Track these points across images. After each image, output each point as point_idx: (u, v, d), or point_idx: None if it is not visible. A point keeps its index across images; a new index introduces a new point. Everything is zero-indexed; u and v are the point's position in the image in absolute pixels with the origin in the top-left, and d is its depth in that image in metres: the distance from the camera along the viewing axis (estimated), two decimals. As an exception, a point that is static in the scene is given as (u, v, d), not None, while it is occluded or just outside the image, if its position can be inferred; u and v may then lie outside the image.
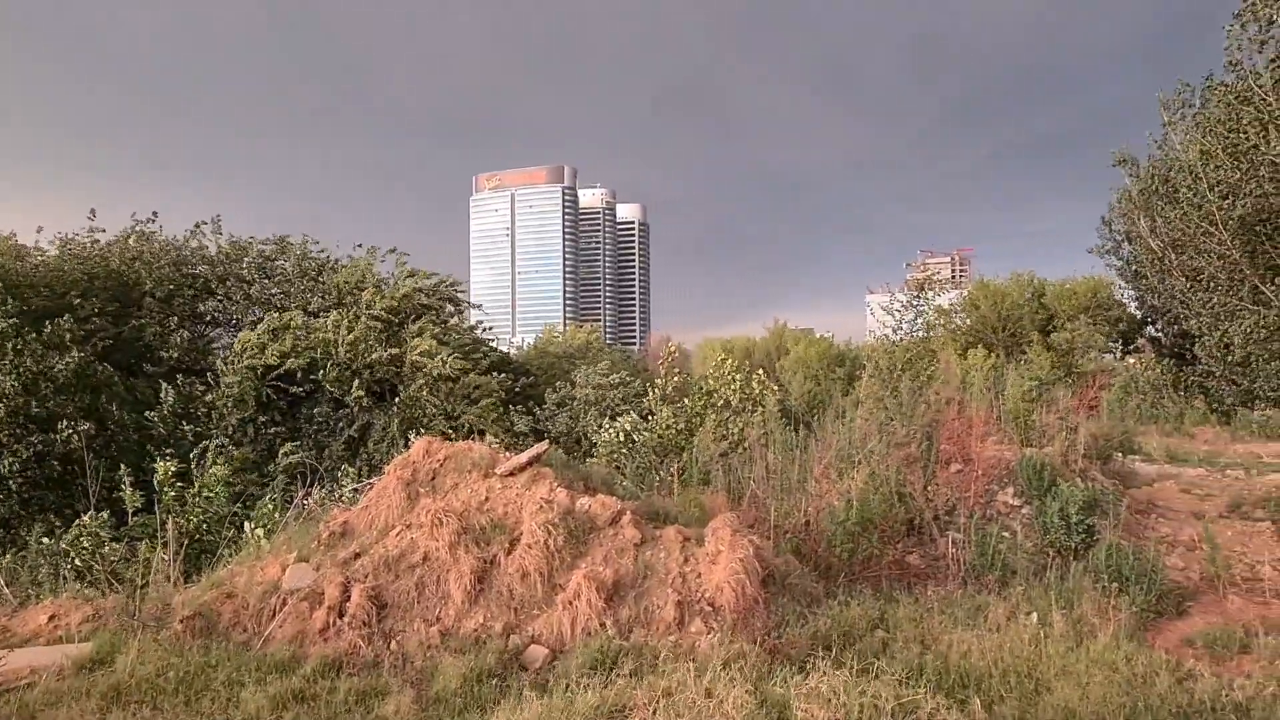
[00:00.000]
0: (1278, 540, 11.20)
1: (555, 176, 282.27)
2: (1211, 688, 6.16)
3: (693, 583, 7.78)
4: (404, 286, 20.76)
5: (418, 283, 21.23)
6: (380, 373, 17.55)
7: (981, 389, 14.68)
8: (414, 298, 20.40)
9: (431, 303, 20.96)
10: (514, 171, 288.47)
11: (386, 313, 19.19)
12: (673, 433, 14.20)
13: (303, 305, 21.06)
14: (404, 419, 16.60)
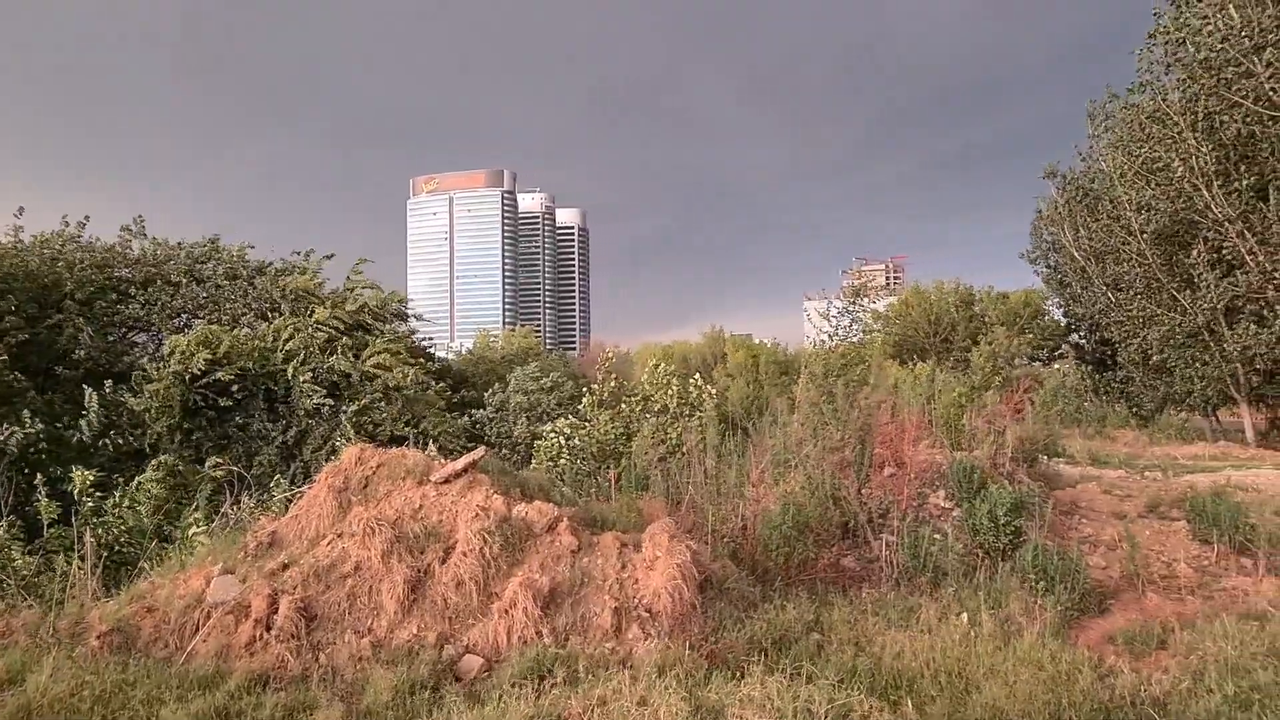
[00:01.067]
0: (1192, 539, 11.61)
1: (494, 180, 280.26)
2: (1131, 683, 6.36)
3: (630, 589, 7.75)
4: (359, 299, 20.36)
5: (372, 296, 20.89)
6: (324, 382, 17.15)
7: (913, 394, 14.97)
8: (363, 315, 20.03)
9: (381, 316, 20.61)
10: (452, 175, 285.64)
11: (339, 322, 18.79)
12: (611, 438, 14.19)
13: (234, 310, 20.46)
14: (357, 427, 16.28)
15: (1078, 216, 34.39)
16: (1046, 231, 39.51)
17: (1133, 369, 33.09)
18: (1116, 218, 29.95)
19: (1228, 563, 10.41)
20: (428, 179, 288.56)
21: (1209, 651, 6.83)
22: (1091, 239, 32.65)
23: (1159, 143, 26.35)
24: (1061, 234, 36.39)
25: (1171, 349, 29.43)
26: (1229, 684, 6.13)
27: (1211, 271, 26.39)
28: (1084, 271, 34.49)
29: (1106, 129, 32.09)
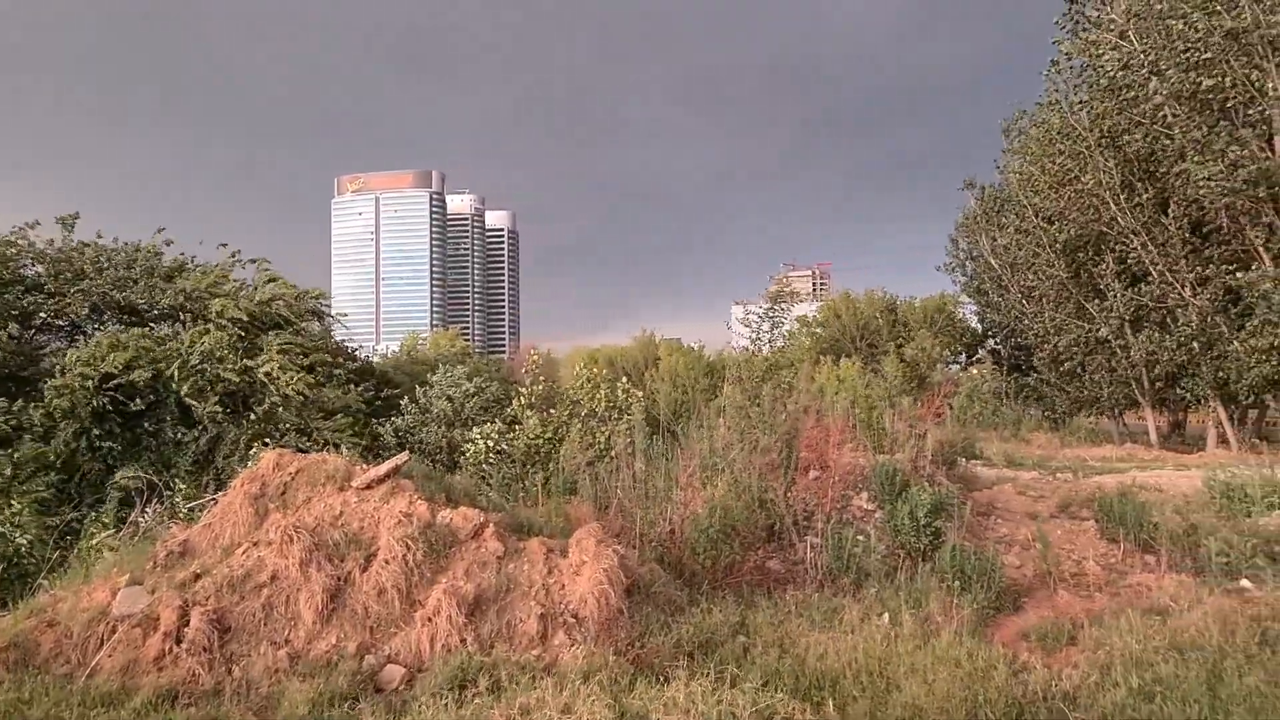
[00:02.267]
0: (1100, 538, 12.08)
1: (422, 181, 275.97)
2: (1043, 679, 6.57)
3: (556, 595, 7.68)
4: (263, 293, 19.56)
5: (278, 289, 20.00)
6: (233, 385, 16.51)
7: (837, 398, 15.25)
8: (273, 307, 19.22)
9: (291, 315, 19.83)
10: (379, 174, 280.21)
11: (245, 321, 18.07)
12: (540, 442, 14.07)
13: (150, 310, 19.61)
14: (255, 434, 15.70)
15: (994, 227, 35.71)
16: (964, 240, 40.92)
17: (1045, 374, 34.46)
18: (1029, 230, 31.17)
19: (1133, 560, 10.86)
20: (353, 178, 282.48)
21: (1115, 646, 7.09)
22: (1007, 249, 33.91)
23: (1068, 158, 27.50)
24: (979, 243, 37.74)
25: (1081, 355, 30.70)
26: (1133, 677, 6.38)
27: (1118, 281, 27.61)
28: (1000, 280, 35.80)
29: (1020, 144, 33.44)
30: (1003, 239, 34.11)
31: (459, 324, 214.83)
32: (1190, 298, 25.28)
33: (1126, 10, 24.66)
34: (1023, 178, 31.05)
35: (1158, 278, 26.10)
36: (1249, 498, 12.48)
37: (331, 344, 23.58)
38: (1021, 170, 31.31)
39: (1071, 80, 28.52)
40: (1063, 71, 28.44)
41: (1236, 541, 10.21)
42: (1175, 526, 11.24)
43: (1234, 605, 8.04)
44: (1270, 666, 6.63)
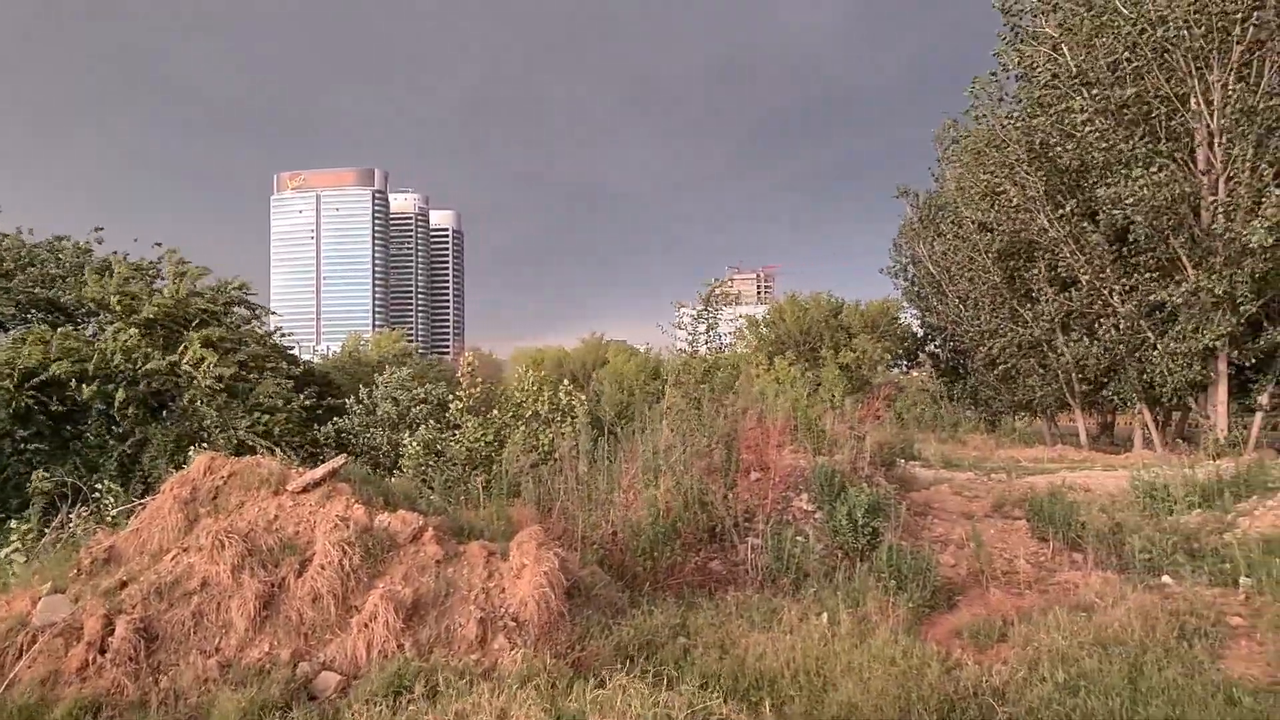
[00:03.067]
0: (1032, 536, 12.42)
1: (365, 179, 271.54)
2: (974, 675, 6.73)
3: (496, 598, 7.62)
4: (178, 288, 18.87)
5: (192, 282, 19.26)
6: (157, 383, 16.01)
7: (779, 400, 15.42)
8: (192, 301, 18.58)
9: (216, 307, 19.21)
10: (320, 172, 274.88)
11: (163, 316, 17.50)
12: (481, 444, 13.96)
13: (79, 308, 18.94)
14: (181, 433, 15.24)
15: (931, 234, 36.54)
16: (906, 247, 41.76)
17: (981, 377, 35.35)
18: (964, 236, 31.96)
19: (1062, 558, 11.18)
20: (293, 175, 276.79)
21: (1043, 642, 7.30)
22: (944, 255, 34.72)
23: (998, 167, 28.27)
24: (918, 249, 38.57)
25: (1014, 359, 31.56)
26: (1059, 672, 6.58)
27: (1049, 288, 28.44)
28: (938, 285, 36.62)
29: (954, 153, 34.30)
30: (939, 245, 34.90)
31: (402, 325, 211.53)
32: (1117, 304, 26.14)
33: (1060, 24, 25.42)
34: (956, 187, 31.86)
35: (1086, 285, 26.94)
36: (1171, 497, 12.95)
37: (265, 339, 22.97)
38: (955, 179, 32.11)
39: (997, 94, 29.36)
40: (988, 86, 29.27)
41: (1158, 539, 10.59)
42: (1102, 525, 11.61)
43: (1155, 601, 8.34)
44: (1187, 660, 6.89)
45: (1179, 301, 23.73)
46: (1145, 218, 23.62)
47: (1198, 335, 23.67)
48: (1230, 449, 22.48)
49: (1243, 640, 7.60)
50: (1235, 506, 11.96)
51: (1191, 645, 7.23)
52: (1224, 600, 8.63)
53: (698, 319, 13.68)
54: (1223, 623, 7.97)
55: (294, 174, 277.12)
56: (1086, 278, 26.74)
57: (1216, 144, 23.27)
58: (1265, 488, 12.38)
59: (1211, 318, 23.35)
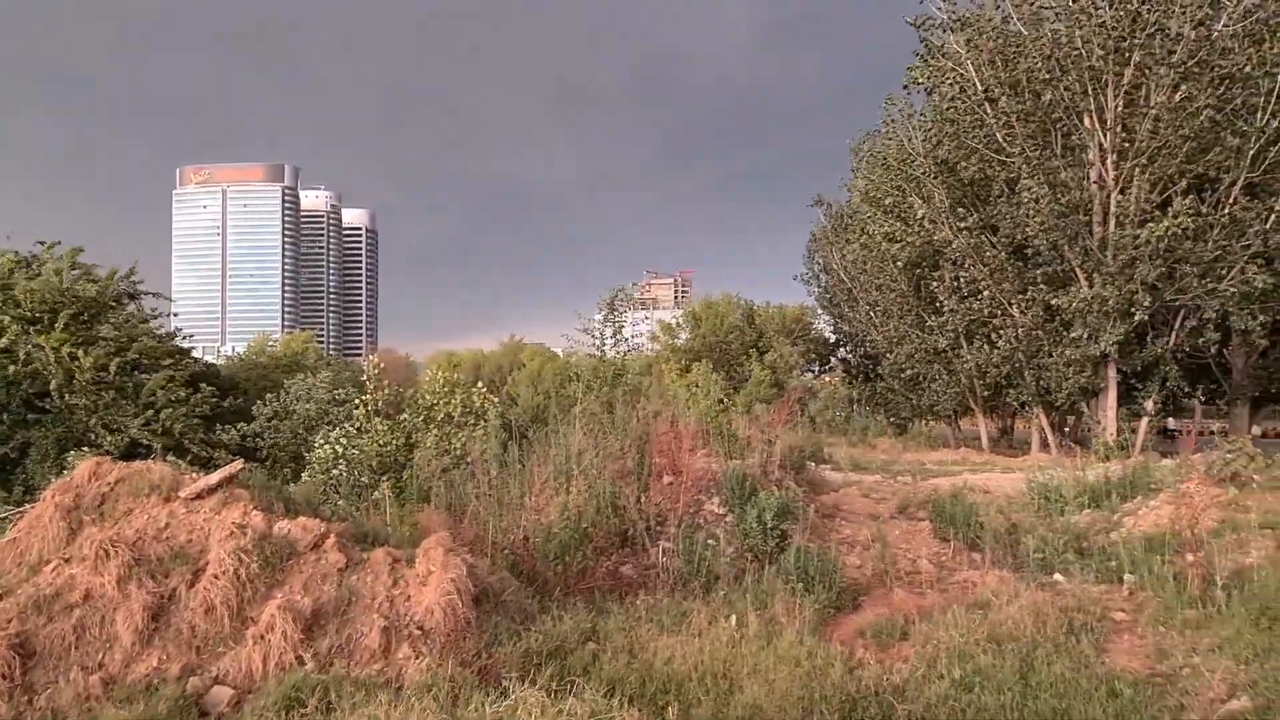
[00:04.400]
0: (934, 537, 12.81)
1: (274, 175, 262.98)
2: (876, 674, 6.88)
3: (401, 606, 7.45)
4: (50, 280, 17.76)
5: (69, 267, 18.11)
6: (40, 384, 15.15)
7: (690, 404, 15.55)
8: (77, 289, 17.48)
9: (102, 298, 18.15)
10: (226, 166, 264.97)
11: (40, 309, 16.50)
12: (391, 448, 13.64)
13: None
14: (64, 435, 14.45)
15: (843, 243, 37.50)
16: (818, 254, 42.75)
17: (889, 382, 36.41)
18: (873, 247, 32.90)
19: (961, 558, 11.55)
20: (197, 169, 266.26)
21: (941, 640, 7.51)
22: (855, 264, 35.67)
23: (906, 181, 29.22)
24: (830, 257, 39.54)
25: (920, 365, 32.61)
26: (956, 669, 6.78)
27: (952, 297, 29.47)
28: (850, 293, 37.59)
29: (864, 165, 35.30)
30: (850, 255, 35.82)
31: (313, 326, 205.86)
32: (1016, 314, 27.24)
33: (967, 42, 26.37)
34: (866, 198, 32.77)
35: (988, 295, 28.01)
36: (1063, 498, 13.52)
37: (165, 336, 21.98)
38: (865, 191, 33.02)
39: (908, 109, 30.38)
40: (897, 101, 30.26)
41: (1051, 539, 11.04)
42: (999, 526, 12.04)
43: (1047, 598, 8.69)
44: (1075, 654, 7.20)
45: (1075, 309, 24.86)
46: (1042, 230, 24.68)
47: (1091, 343, 24.84)
48: (1119, 452, 23.67)
49: (1125, 634, 7.98)
50: (1121, 507, 12.55)
51: (1079, 640, 7.55)
52: (1109, 596, 9.05)
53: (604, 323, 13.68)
54: (1108, 618, 8.35)
55: (198, 168, 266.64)
56: (988, 290, 27.80)
57: (1109, 160, 24.49)
58: (1148, 489, 13.03)
59: (1103, 326, 24.54)
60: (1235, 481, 11.50)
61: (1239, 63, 22.58)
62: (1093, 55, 23.29)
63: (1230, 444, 12.67)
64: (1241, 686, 6.27)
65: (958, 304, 29.25)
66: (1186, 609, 8.01)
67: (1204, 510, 10.23)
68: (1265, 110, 22.51)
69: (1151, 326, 25.84)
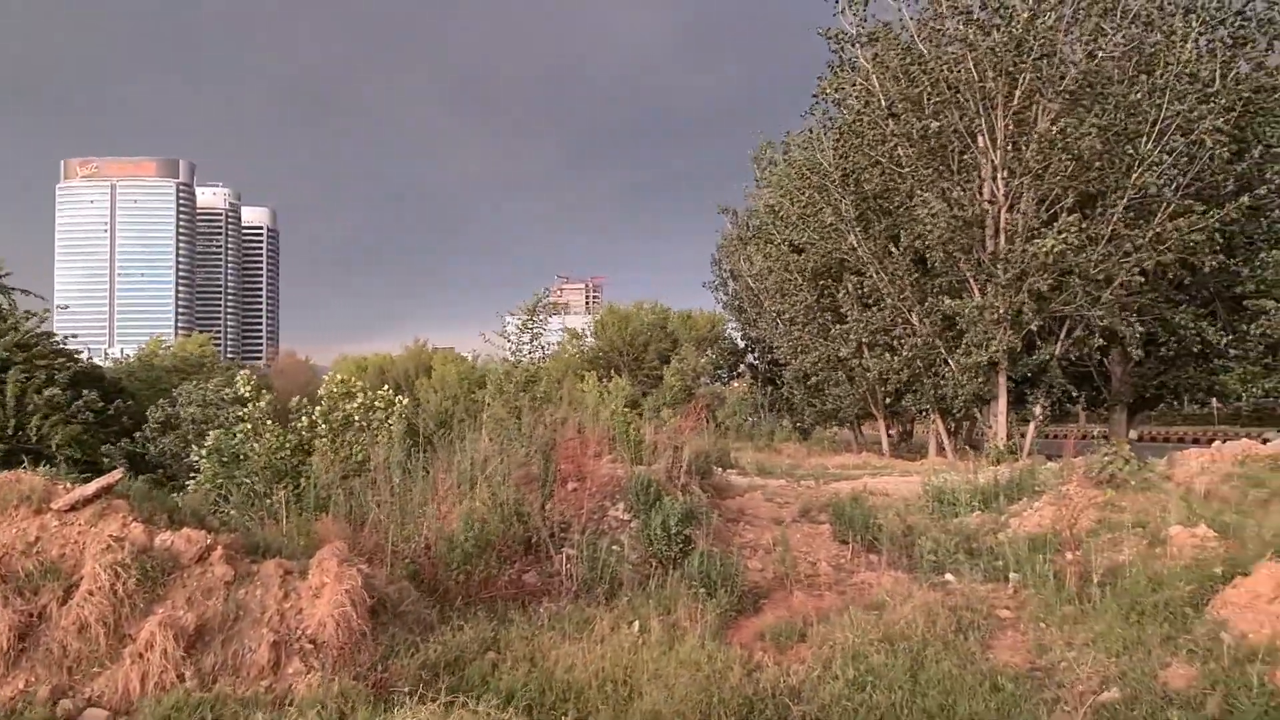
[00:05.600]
0: (834, 539, 13.11)
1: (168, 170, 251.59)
2: (773, 676, 7.00)
3: (293, 620, 7.20)
4: None
5: None
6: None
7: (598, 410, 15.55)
8: None
9: None
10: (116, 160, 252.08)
11: None
12: (287, 454, 13.21)
13: None
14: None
15: (750, 251, 38.20)
16: (726, 262, 43.42)
17: (795, 388, 37.20)
18: (779, 255, 33.64)
19: (860, 560, 11.85)
20: (84, 162, 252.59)
21: (838, 641, 7.68)
22: (762, 272, 36.37)
23: (815, 191, 29.99)
24: (738, 265, 40.20)
25: (824, 372, 33.44)
26: (850, 669, 6.95)
27: (856, 306, 30.35)
28: (757, 300, 38.27)
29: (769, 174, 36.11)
30: (757, 263, 36.50)
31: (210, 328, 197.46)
32: (916, 323, 28.22)
33: (874, 57, 27.23)
34: (774, 208, 33.49)
35: (889, 305, 28.96)
36: (956, 500, 14.05)
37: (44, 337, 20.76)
38: (773, 200, 33.75)
39: (820, 121, 31.23)
40: (814, 112, 31.09)
41: (943, 540, 11.44)
42: (895, 528, 12.40)
43: (938, 598, 9.00)
44: (962, 651, 7.47)
45: (969, 318, 25.91)
46: (939, 242, 25.68)
47: (983, 350, 25.92)
48: (1009, 455, 24.74)
49: (1009, 631, 8.33)
50: (1008, 508, 13.11)
51: (966, 638, 7.84)
52: (996, 595, 9.43)
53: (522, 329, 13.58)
54: (993, 616, 8.70)
55: (84, 161, 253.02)
56: (890, 299, 28.73)
57: (999, 177, 25.65)
58: (1033, 491, 13.65)
59: (995, 335, 25.64)
60: (1111, 483, 12.14)
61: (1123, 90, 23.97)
62: (985, 77, 24.38)
63: (1108, 448, 13.37)
64: (1112, 678, 6.62)
65: (861, 313, 30.11)
66: (1065, 605, 8.41)
67: (1082, 511, 10.76)
68: (1149, 137, 23.90)
69: (1040, 335, 27.13)
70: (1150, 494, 11.94)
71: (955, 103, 25.24)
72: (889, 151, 26.68)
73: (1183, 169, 24.60)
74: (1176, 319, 27.01)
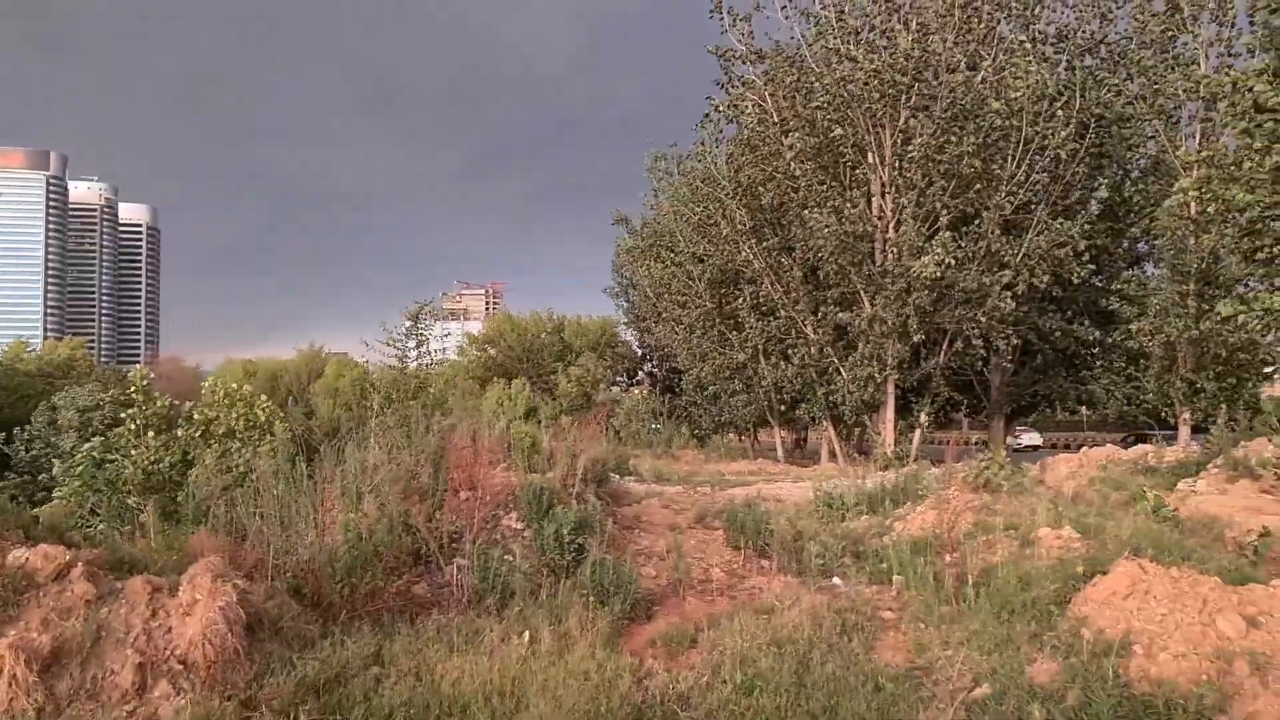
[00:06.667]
0: (728, 545, 13.27)
1: (38, 162, 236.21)
2: (663, 683, 7.02)
3: (161, 640, 6.83)
4: None
5: None
6: None
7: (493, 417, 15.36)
8: None
9: None
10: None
11: None
12: (164, 465, 12.57)
13: None
14: None
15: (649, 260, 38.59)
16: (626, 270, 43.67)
17: (693, 396, 37.70)
18: (678, 265, 34.11)
19: (751, 565, 12.04)
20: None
21: (727, 646, 7.77)
22: (660, 282, 36.77)
23: (711, 203, 30.55)
24: (637, 273, 40.51)
25: (721, 380, 34.01)
26: (738, 674, 7.03)
27: (752, 315, 30.98)
28: (655, 308, 38.64)
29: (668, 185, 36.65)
30: (656, 272, 36.90)
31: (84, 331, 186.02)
32: (809, 333, 29.01)
33: (765, 73, 27.91)
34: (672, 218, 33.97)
35: (784, 314, 29.69)
36: (844, 505, 14.45)
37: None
38: (672, 210, 34.22)
39: (715, 133, 31.83)
40: (708, 125, 31.66)
41: (831, 544, 11.74)
42: (786, 533, 12.65)
43: (825, 601, 9.22)
44: (846, 653, 7.67)
45: (860, 329, 26.80)
46: (831, 254, 26.49)
47: (874, 362, 26.84)
48: (897, 461, 25.65)
49: (892, 632, 8.60)
50: (894, 512, 13.57)
51: (851, 640, 8.05)
52: (880, 597, 9.73)
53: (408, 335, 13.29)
54: (877, 617, 8.96)
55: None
56: (784, 309, 29.46)
57: (887, 193, 26.64)
58: (917, 495, 14.17)
59: (884, 345, 26.59)
60: (988, 488, 12.72)
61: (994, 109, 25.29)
62: (871, 97, 25.32)
63: (985, 454, 14.03)
64: (984, 675, 6.91)
65: (756, 321, 30.75)
66: (943, 606, 8.75)
67: (960, 514, 11.23)
68: (1014, 157, 25.28)
69: (925, 346, 28.27)
70: (1023, 498, 12.55)
71: (845, 120, 26.10)
72: (783, 166, 27.38)
73: (1046, 187, 26.16)
74: (1047, 324, 28.65)
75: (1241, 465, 14.70)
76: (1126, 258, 29.49)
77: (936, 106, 25.14)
